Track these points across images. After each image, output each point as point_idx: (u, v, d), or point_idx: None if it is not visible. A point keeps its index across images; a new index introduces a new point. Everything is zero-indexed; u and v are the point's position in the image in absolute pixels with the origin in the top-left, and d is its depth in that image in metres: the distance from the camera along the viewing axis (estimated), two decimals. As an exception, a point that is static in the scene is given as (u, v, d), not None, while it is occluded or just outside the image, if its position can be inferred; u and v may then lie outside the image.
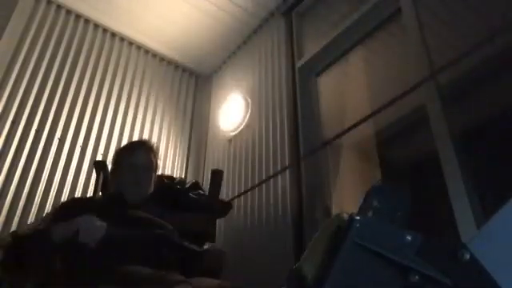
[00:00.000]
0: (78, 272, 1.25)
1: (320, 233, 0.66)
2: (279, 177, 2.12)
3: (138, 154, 1.65)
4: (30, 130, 2.26)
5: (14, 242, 1.39)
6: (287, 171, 2.09)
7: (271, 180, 2.17)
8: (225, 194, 2.39)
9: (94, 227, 1.30)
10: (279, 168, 2.15)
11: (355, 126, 1.92)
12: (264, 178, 2.22)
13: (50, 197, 2.17)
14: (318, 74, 2.42)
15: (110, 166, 1.73)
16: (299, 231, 1.90)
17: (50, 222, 1.41)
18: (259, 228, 2.10)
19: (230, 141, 2.69)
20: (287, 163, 2.12)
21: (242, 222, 2.23)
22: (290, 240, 1.87)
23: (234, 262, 1.97)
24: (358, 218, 0.62)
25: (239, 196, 2.35)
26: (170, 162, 2.79)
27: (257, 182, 2.26)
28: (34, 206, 2.10)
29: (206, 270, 1.42)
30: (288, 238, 1.88)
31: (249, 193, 2.29)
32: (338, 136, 2.07)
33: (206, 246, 1.50)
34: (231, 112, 2.76)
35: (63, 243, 1.28)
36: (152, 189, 1.63)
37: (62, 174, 2.28)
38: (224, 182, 2.03)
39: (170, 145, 2.86)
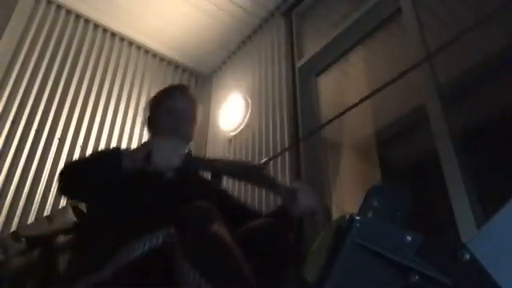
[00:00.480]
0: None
1: (321, 234, 0.66)
2: (279, 175, 2.12)
3: (177, 97, 1.44)
4: (29, 130, 2.26)
5: (76, 163, 1.21)
6: (287, 170, 2.09)
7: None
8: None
9: (172, 150, 1.01)
10: (279, 167, 2.15)
11: (355, 105, 1.91)
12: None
13: (50, 197, 2.17)
14: (318, 74, 2.42)
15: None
16: (299, 231, 1.90)
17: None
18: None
19: (230, 141, 2.69)
20: (287, 163, 2.12)
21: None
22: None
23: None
24: (358, 218, 0.62)
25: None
26: (169, 162, 2.79)
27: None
28: (33, 205, 2.10)
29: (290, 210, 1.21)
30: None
31: (249, 191, 2.29)
32: (337, 117, 2.04)
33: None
34: (231, 112, 2.76)
35: (132, 173, 1.00)
36: (191, 140, 1.45)
37: (62, 174, 2.27)
38: (224, 182, 2.02)
39: (169, 145, 2.86)
